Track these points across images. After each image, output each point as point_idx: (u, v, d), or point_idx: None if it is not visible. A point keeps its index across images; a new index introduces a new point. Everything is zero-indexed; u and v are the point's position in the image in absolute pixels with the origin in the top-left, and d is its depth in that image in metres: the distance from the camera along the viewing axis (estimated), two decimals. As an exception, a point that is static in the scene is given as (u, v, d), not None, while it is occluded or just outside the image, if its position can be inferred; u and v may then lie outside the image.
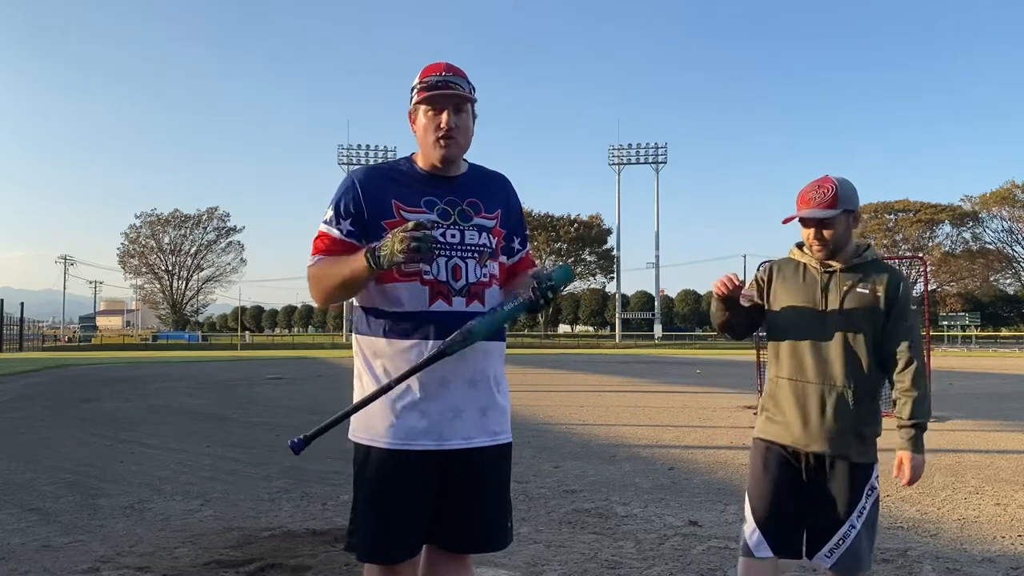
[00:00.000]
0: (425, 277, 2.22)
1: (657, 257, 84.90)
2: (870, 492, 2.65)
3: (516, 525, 4.89)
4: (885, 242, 76.49)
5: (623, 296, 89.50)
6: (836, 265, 2.68)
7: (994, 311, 78.75)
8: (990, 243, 77.76)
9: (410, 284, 2.22)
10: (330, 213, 2.28)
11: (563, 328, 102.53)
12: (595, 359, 38.06)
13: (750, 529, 2.69)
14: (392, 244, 2.05)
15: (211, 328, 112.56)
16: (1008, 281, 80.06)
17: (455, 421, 2.23)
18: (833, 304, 2.65)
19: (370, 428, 2.25)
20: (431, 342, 2.19)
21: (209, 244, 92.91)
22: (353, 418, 2.29)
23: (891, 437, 2.68)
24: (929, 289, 26.41)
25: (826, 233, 2.63)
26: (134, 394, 15.67)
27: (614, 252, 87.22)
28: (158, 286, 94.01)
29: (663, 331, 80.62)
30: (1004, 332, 75.58)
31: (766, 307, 2.81)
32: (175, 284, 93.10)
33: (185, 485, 6.32)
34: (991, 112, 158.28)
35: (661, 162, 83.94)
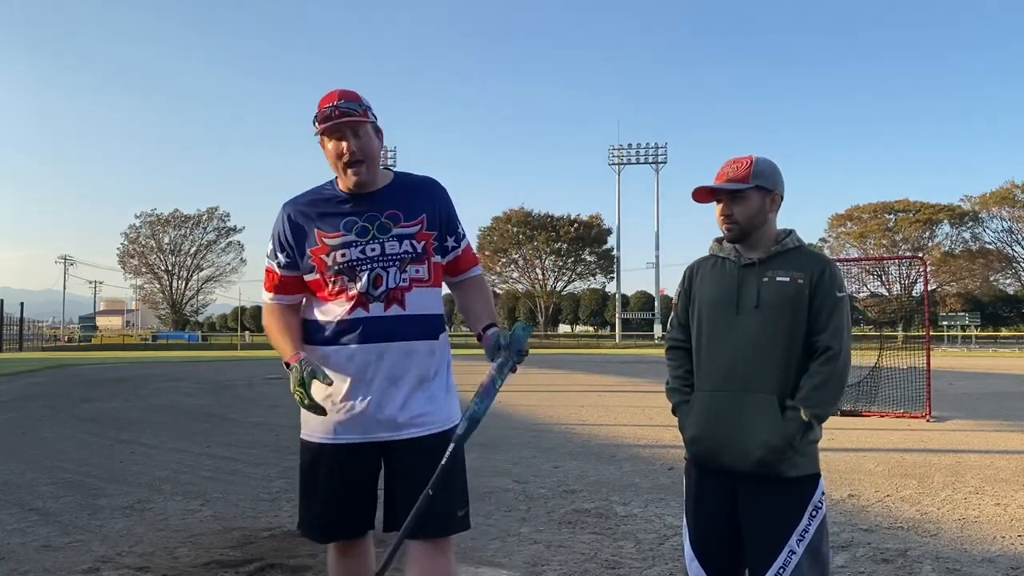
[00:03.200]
0: (350, 293, 2.43)
1: (657, 257, 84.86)
2: (814, 513, 2.35)
3: (516, 525, 4.92)
4: (884, 242, 76.48)
5: (623, 296, 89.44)
6: (755, 256, 2.46)
7: (994, 311, 78.61)
8: (990, 243, 77.73)
9: (337, 300, 2.46)
10: (270, 247, 2.54)
11: (563, 328, 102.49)
12: (595, 359, 38.04)
13: (688, 558, 2.51)
14: (292, 386, 2.33)
15: (211, 328, 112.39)
16: (1008, 281, 79.95)
17: (378, 416, 2.43)
18: (750, 300, 2.41)
19: (307, 425, 2.52)
20: (352, 346, 2.42)
21: (209, 244, 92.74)
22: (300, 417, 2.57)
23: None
24: (929, 289, 26.40)
25: (735, 208, 2.43)
26: (134, 394, 15.68)
27: (614, 252, 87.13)
28: (158, 286, 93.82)
29: (663, 331, 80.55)
30: (1004, 332, 75.46)
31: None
32: (175, 284, 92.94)
33: (185, 485, 6.32)
34: (991, 111, 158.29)
35: (661, 162, 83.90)
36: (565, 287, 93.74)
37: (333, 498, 2.48)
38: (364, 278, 2.41)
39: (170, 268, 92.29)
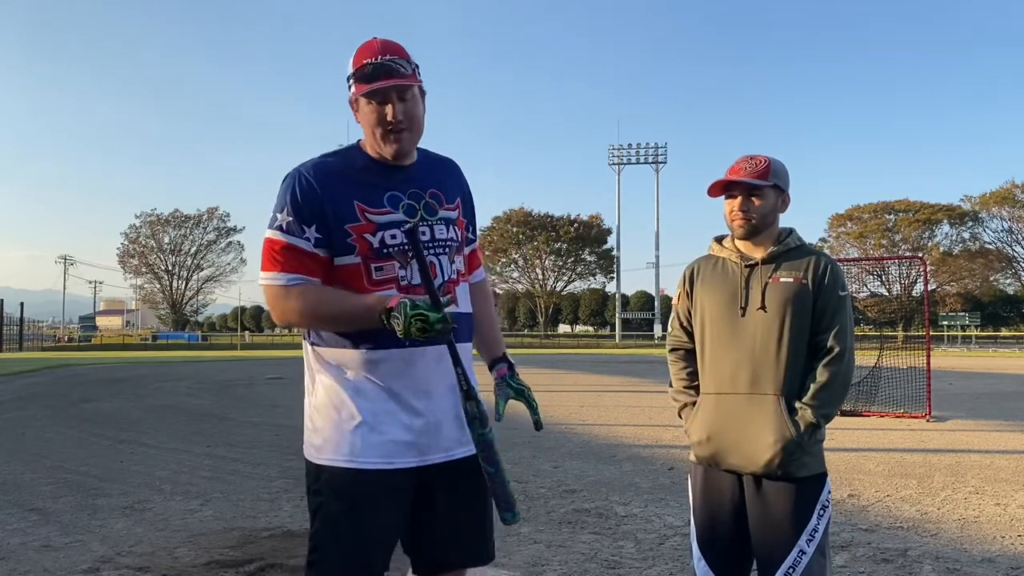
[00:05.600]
0: (402, 283, 2.04)
1: (657, 257, 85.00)
2: (822, 512, 2.36)
3: (516, 525, 4.91)
4: (884, 242, 76.48)
5: (623, 296, 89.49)
6: (757, 256, 2.45)
7: (994, 311, 78.64)
8: (990, 243, 77.74)
9: (387, 292, 2.01)
10: (287, 218, 2.00)
11: (563, 328, 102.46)
12: (595, 359, 38.03)
13: (696, 558, 2.51)
14: (407, 326, 1.86)
15: (211, 328, 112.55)
16: (1008, 281, 79.99)
17: (436, 434, 2.07)
18: (755, 300, 2.39)
19: (343, 447, 2.02)
20: (412, 349, 2.01)
21: (209, 244, 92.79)
22: (315, 435, 2.08)
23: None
24: (929, 289, 26.41)
25: (754, 201, 2.41)
26: (134, 394, 15.67)
27: (614, 252, 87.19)
28: (158, 286, 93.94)
29: (663, 331, 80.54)
30: (1004, 332, 75.47)
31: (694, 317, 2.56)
32: (175, 284, 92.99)
33: (185, 485, 6.32)
34: (992, 111, 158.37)
35: (661, 162, 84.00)
36: (565, 287, 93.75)
37: (385, 538, 2.04)
38: (415, 267, 2.02)
39: (170, 268, 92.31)
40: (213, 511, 5.41)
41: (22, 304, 65.60)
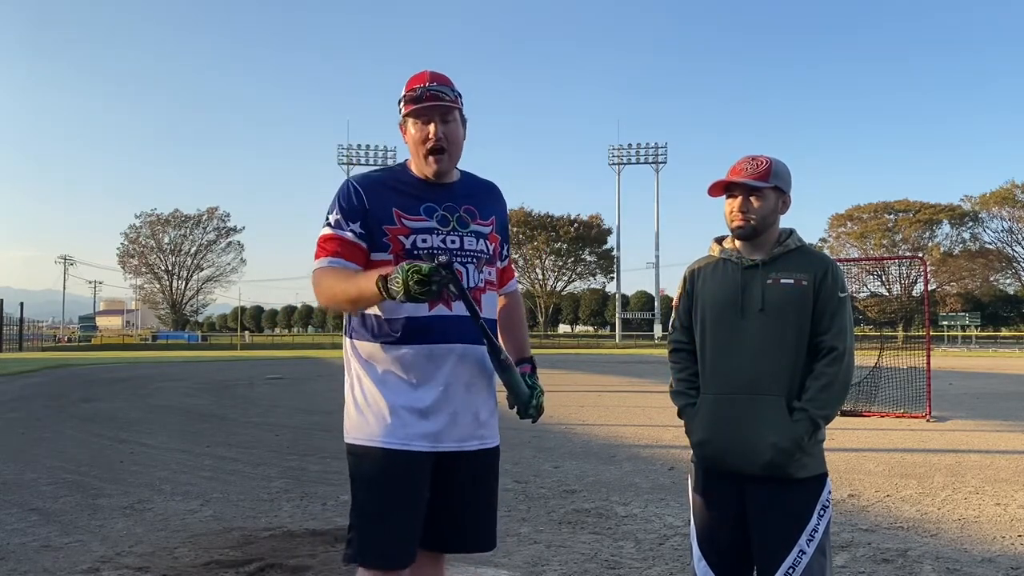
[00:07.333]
0: None
1: (657, 257, 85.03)
2: (822, 512, 2.36)
3: (516, 525, 4.93)
4: (884, 242, 76.52)
5: (623, 296, 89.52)
6: (757, 258, 2.45)
7: (994, 311, 78.67)
8: (990, 243, 77.81)
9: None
10: (336, 216, 2.28)
11: (563, 328, 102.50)
12: (595, 359, 38.06)
13: (696, 558, 2.51)
14: (405, 281, 1.96)
15: (211, 328, 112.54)
16: (1008, 281, 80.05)
17: (451, 424, 2.26)
18: (755, 302, 2.40)
19: (367, 429, 2.27)
20: (431, 346, 2.24)
21: (209, 244, 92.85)
22: (347, 419, 2.33)
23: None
24: (929, 289, 26.41)
25: (754, 202, 2.41)
26: (134, 394, 15.68)
27: (614, 252, 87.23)
28: (158, 286, 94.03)
29: (663, 331, 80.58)
30: (1004, 332, 75.50)
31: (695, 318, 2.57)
32: (175, 284, 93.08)
33: (185, 485, 6.32)
34: (992, 111, 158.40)
35: (661, 162, 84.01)
36: (565, 287, 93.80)
37: (409, 514, 2.24)
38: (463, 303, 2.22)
39: (170, 268, 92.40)
40: (213, 511, 5.41)
41: (22, 304, 65.67)
